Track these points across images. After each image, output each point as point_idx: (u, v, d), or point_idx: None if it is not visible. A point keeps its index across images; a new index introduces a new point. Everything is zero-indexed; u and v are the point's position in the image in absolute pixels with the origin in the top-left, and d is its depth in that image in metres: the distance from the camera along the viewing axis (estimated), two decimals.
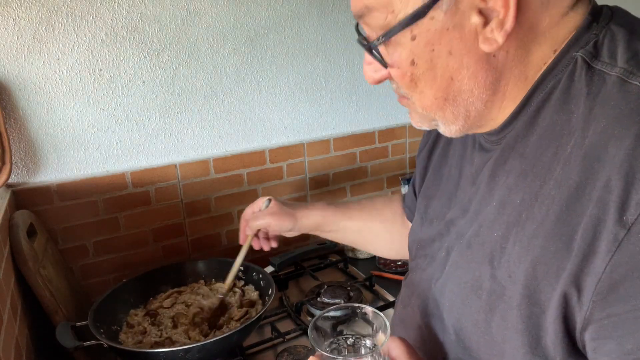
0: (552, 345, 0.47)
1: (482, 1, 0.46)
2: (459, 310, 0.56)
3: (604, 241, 0.42)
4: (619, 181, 0.41)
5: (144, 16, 1.12)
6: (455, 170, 0.65)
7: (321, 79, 1.37)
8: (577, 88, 0.47)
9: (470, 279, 0.55)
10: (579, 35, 0.49)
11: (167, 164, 1.22)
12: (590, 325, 0.43)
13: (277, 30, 1.27)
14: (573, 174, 0.45)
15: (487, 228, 0.54)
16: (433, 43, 0.48)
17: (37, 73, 1.05)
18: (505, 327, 0.50)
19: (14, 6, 1.00)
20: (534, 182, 0.49)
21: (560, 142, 0.47)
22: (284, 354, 0.99)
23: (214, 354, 0.91)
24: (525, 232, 0.49)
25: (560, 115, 0.48)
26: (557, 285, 0.45)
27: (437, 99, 0.52)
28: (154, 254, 1.24)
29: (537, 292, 0.47)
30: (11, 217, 0.97)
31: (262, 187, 1.35)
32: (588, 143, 0.45)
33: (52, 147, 1.10)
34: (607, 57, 0.47)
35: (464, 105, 0.52)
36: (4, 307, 0.75)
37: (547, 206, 0.47)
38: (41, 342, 0.96)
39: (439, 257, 0.63)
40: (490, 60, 0.49)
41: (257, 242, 0.98)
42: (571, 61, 0.48)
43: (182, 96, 1.20)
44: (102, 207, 1.16)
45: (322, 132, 1.41)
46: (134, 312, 1.06)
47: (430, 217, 0.68)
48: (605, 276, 0.41)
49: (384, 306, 1.13)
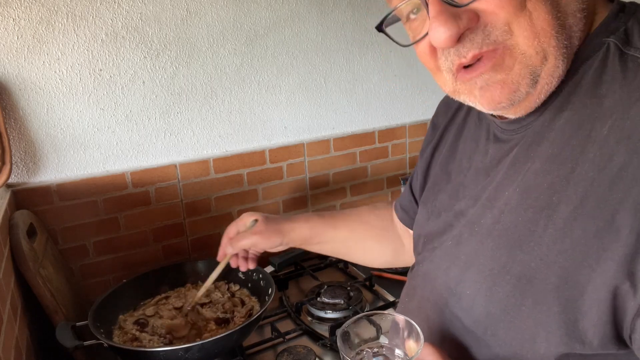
0: (592, 328, 0.46)
1: None
2: (485, 297, 0.55)
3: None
4: None
5: (144, 16, 1.12)
6: (467, 164, 0.65)
7: (321, 79, 1.37)
8: (611, 73, 0.48)
9: (496, 266, 0.54)
10: (608, 22, 0.50)
11: (167, 164, 1.22)
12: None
13: (277, 30, 1.28)
14: (615, 155, 0.45)
15: (509, 214, 0.54)
16: None
17: (37, 73, 1.05)
18: (540, 311, 0.49)
19: (14, 6, 1.00)
20: (563, 165, 0.49)
21: (594, 125, 0.48)
22: (284, 354, 0.98)
23: (213, 353, 0.91)
24: (560, 215, 0.48)
25: (590, 99, 0.49)
26: (597, 267, 0.45)
27: (551, 24, 0.47)
28: (154, 254, 1.24)
29: (575, 274, 0.46)
30: (11, 217, 0.97)
31: (262, 187, 1.35)
32: (630, 125, 0.45)
33: (52, 147, 1.10)
34: (639, 44, 0.48)
35: (566, 38, 0.49)
36: (4, 307, 0.75)
37: (583, 188, 0.47)
38: (41, 342, 0.96)
39: (450, 247, 0.63)
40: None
41: (234, 260, 0.96)
42: (601, 46, 0.49)
43: (182, 96, 1.21)
44: (102, 207, 1.16)
45: (322, 132, 1.41)
46: (123, 317, 1.04)
47: (437, 210, 0.68)
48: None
49: (384, 306, 1.13)
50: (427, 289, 0.66)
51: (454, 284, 0.61)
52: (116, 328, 1.01)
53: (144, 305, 1.08)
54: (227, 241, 0.94)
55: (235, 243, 0.90)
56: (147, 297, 1.10)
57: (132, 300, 1.08)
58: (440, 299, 0.63)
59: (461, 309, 0.60)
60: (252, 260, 0.97)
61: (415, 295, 0.69)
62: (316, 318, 1.12)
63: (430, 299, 0.65)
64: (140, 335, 0.97)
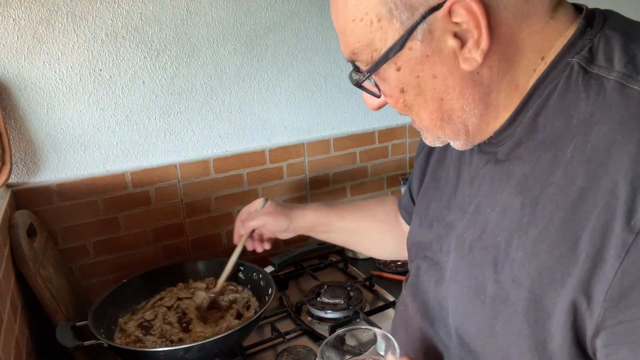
0: (559, 351, 0.47)
1: (455, 24, 0.47)
2: (463, 314, 0.57)
3: (612, 247, 0.42)
4: (625, 187, 0.41)
5: (144, 16, 1.12)
6: (454, 173, 0.65)
7: (321, 79, 1.37)
8: (574, 92, 0.48)
9: (474, 284, 0.55)
10: (574, 41, 0.49)
11: (167, 164, 1.22)
12: (602, 332, 0.43)
13: (277, 30, 1.27)
14: (576, 179, 0.45)
15: (490, 232, 0.54)
16: (417, 70, 0.51)
17: (37, 73, 1.05)
18: (511, 332, 0.50)
19: (14, 6, 1.00)
20: (534, 187, 0.49)
21: (559, 146, 0.48)
22: (284, 354, 0.99)
23: (214, 353, 0.91)
24: (529, 237, 0.49)
25: (559, 120, 0.49)
26: (562, 291, 0.45)
27: (433, 119, 0.55)
28: (154, 254, 1.24)
29: (542, 297, 0.47)
30: (11, 217, 0.97)
31: (262, 187, 1.35)
32: (591, 147, 0.45)
33: (52, 147, 1.10)
34: (603, 62, 0.47)
35: (461, 122, 0.54)
36: (4, 307, 0.75)
37: (549, 211, 0.47)
38: (41, 342, 0.96)
39: (440, 259, 0.64)
40: (474, 78, 0.50)
41: (250, 242, 0.99)
42: (567, 67, 0.49)
43: (182, 96, 1.20)
44: (102, 207, 1.16)
45: (322, 132, 1.41)
46: (123, 320, 1.03)
47: (429, 220, 0.69)
48: (616, 282, 0.41)
49: (384, 306, 1.13)
50: (418, 300, 0.67)
51: (442, 298, 0.61)
52: (117, 330, 1.00)
53: (141, 310, 1.07)
54: (239, 223, 0.98)
55: (247, 222, 0.95)
56: (146, 298, 1.10)
57: (132, 300, 1.08)
58: (432, 312, 0.64)
59: (445, 323, 0.61)
60: (267, 241, 1.00)
61: (409, 305, 0.70)
62: (316, 318, 1.12)
63: (421, 310, 0.66)
64: (144, 337, 0.97)
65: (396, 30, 0.49)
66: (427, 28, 0.48)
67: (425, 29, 0.48)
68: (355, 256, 1.40)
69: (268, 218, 0.93)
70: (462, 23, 0.47)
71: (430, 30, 0.48)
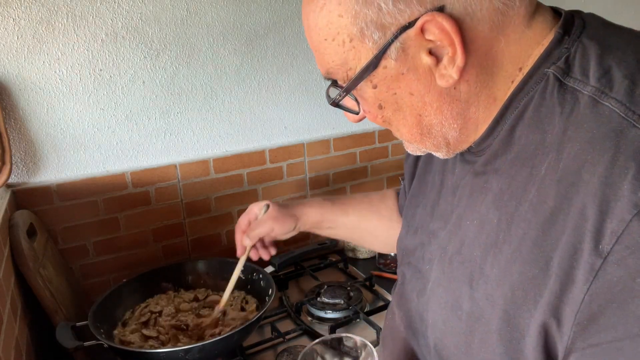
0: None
1: (429, 42, 0.47)
2: (441, 330, 0.56)
3: (581, 270, 0.41)
4: (594, 209, 0.40)
5: (144, 16, 1.12)
6: (438, 179, 0.65)
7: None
8: (550, 106, 0.47)
9: (451, 299, 0.54)
10: (550, 50, 0.48)
11: (167, 164, 1.22)
12: (572, 354, 0.43)
13: (277, 30, 1.27)
14: (548, 198, 0.44)
15: (468, 246, 0.54)
16: (393, 88, 0.50)
17: (37, 73, 1.05)
18: (486, 350, 0.50)
19: (14, 6, 1.00)
20: (510, 202, 0.49)
21: (535, 162, 0.47)
22: (284, 354, 0.99)
23: (214, 354, 0.91)
24: (503, 255, 0.48)
25: (535, 134, 0.48)
26: (534, 312, 0.45)
27: (413, 134, 0.55)
28: (154, 254, 1.24)
29: (516, 317, 0.46)
30: (11, 217, 0.97)
31: (262, 187, 1.35)
32: (562, 166, 0.44)
33: (52, 147, 1.10)
34: (579, 74, 0.46)
35: (441, 135, 0.54)
36: (4, 307, 0.75)
37: (523, 230, 0.46)
38: (41, 342, 0.96)
39: (422, 268, 0.63)
40: (452, 93, 0.50)
41: (254, 252, 0.94)
42: (543, 78, 0.48)
43: (182, 96, 1.20)
44: (102, 207, 1.16)
45: (322, 132, 1.41)
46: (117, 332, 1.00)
47: (415, 226, 0.68)
48: (585, 306, 0.41)
49: (383, 306, 1.13)
50: (402, 310, 0.67)
51: (422, 311, 0.61)
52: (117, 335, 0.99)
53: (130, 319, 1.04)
54: (241, 234, 0.91)
55: (251, 232, 0.88)
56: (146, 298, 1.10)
57: (132, 300, 1.08)
58: (412, 323, 0.63)
59: (425, 337, 0.60)
60: (271, 245, 0.95)
61: (395, 315, 0.69)
62: (316, 318, 1.12)
63: (404, 321, 0.65)
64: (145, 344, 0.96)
65: (369, 50, 0.48)
66: (401, 47, 0.47)
67: (398, 47, 0.47)
68: (355, 256, 1.40)
69: (275, 224, 0.87)
70: (436, 40, 0.46)
71: (404, 48, 0.47)
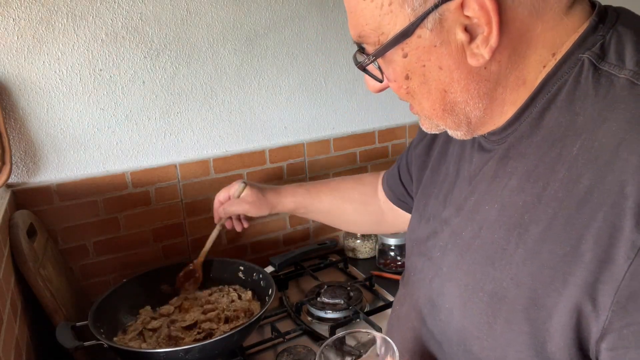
0: (559, 351, 0.46)
1: (466, 18, 0.47)
2: (461, 312, 0.56)
3: (621, 248, 0.41)
4: (635, 187, 0.41)
5: (144, 16, 1.12)
6: (453, 169, 0.65)
7: (321, 79, 1.37)
8: (584, 90, 0.47)
9: (472, 281, 0.54)
10: (585, 37, 0.49)
11: (167, 164, 1.22)
12: (608, 335, 0.42)
13: (277, 30, 1.27)
14: (582, 177, 0.45)
15: (487, 229, 0.54)
16: (423, 59, 0.50)
17: (37, 73, 1.05)
18: (510, 330, 0.50)
19: (14, 6, 1.00)
20: (536, 184, 0.49)
21: (565, 143, 0.47)
22: (284, 354, 0.99)
23: (214, 354, 0.91)
24: (530, 235, 0.48)
25: (565, 116, 0.48)
26: (564, 291, 0.45)
27: (435, 109, 0.54)
28: (154, 254, 1.24)
29: (543, 296, 0.46)
30: (11, 217, 0.96)
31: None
32: (598, 146, 0.44)
33: (52, 147, 1.10)
34: (614, 59, 0.46)
35: (463, 114, 0.54)
36: (4, 307, 0.75)
37: (553, 209, 0.46)
38: (41, 342, 0.96)
39: (434, 256, 0.63)
40: (481, 73, 0.50)
41: (229, 222, 1.04)
42: (577, 63, 0.48)
43: (182, 96, 1.20)
44: (102, 207, 1.16)
45: (322, 132, 1.41)
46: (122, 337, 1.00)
47: (427, 216, 0.68)
48: (625, 284, 0.41)
49: (384, 306, 1.13)
50: (413, 298, 0.66)
51: (435, 296, 0.61)
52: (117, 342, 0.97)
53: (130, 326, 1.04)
54: (219, 205, 1.02)
55: (228, 208, 0.99)
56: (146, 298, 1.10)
57: (132, 300, 1.08)
58: (424, 309, 0.63)
59: (440, 321, 0.60)
60: (244, 219, 1.06)
61: (405, 303, 0.69)
62: (316, 318, 1.12)
63: (415, 308, 0.65)
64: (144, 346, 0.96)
65: (407, 16, 0.48)
66: (438, 18, 0.47)
67: (436, 19, 0.47)
68: (355, 256, 1.40)
69: (251, 208, 0.97)
70: (473, 17, 0.46)
71: (441, 20, 0.47)
